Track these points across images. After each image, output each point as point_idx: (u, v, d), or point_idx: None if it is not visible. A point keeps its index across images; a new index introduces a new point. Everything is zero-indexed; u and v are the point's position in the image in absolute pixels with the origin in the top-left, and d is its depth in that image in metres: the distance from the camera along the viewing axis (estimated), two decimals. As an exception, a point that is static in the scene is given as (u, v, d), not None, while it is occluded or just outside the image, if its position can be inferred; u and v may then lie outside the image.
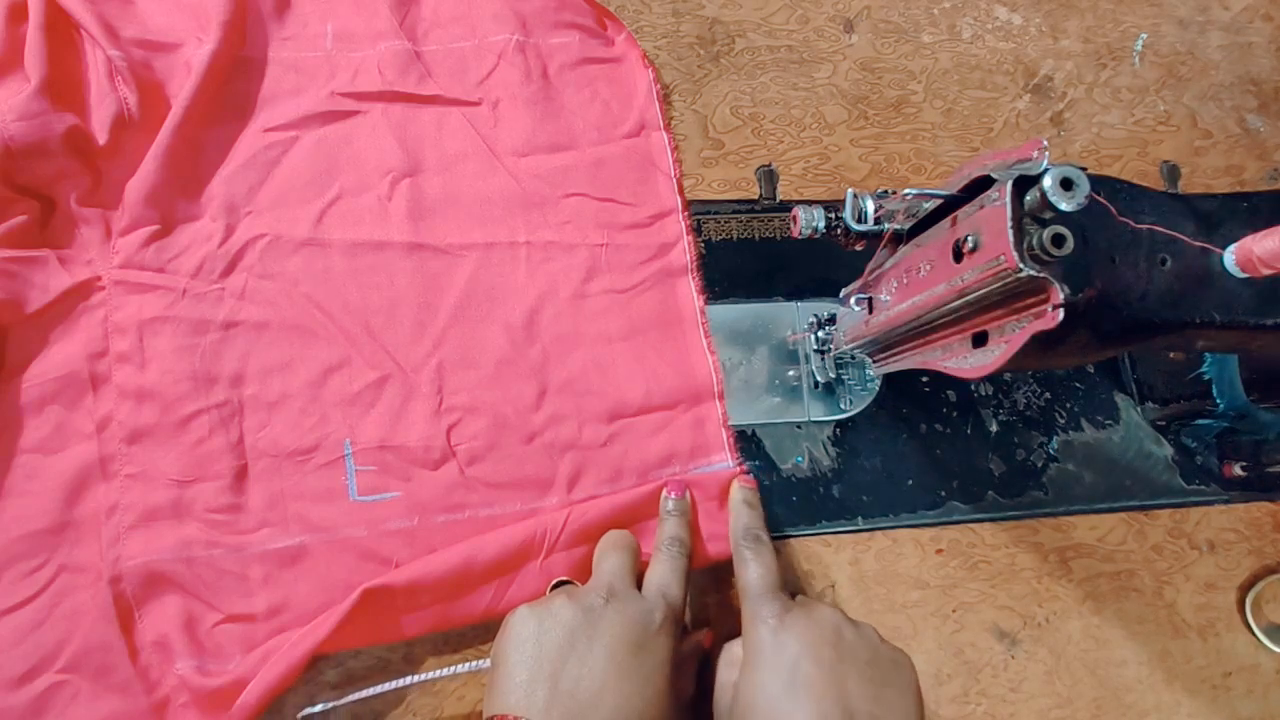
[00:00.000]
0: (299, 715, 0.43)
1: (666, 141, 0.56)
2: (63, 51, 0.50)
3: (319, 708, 0.42)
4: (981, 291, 0.34)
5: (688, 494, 0.48)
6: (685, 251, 0.54)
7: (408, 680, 0.43)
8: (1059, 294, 0.31)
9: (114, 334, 0.47)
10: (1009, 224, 0.31)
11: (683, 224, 0.54)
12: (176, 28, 0.53)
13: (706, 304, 0.53)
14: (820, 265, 0.56)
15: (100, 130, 0.49)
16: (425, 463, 0.48)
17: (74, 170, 0.48)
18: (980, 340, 0.37)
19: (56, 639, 0.42)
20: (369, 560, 0.45)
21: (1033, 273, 0.31)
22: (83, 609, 0.43)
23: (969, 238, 0.34)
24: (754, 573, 0.42)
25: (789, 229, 0.44)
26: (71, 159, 0.48)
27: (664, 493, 0.47)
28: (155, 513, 0.45)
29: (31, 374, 0.46)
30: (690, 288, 0.53)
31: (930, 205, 0.39)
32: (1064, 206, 0.30)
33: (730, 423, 0.52)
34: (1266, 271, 0.33)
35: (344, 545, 0.46)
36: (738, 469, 0.49)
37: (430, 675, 0.43)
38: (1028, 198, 0.31)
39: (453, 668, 0.42)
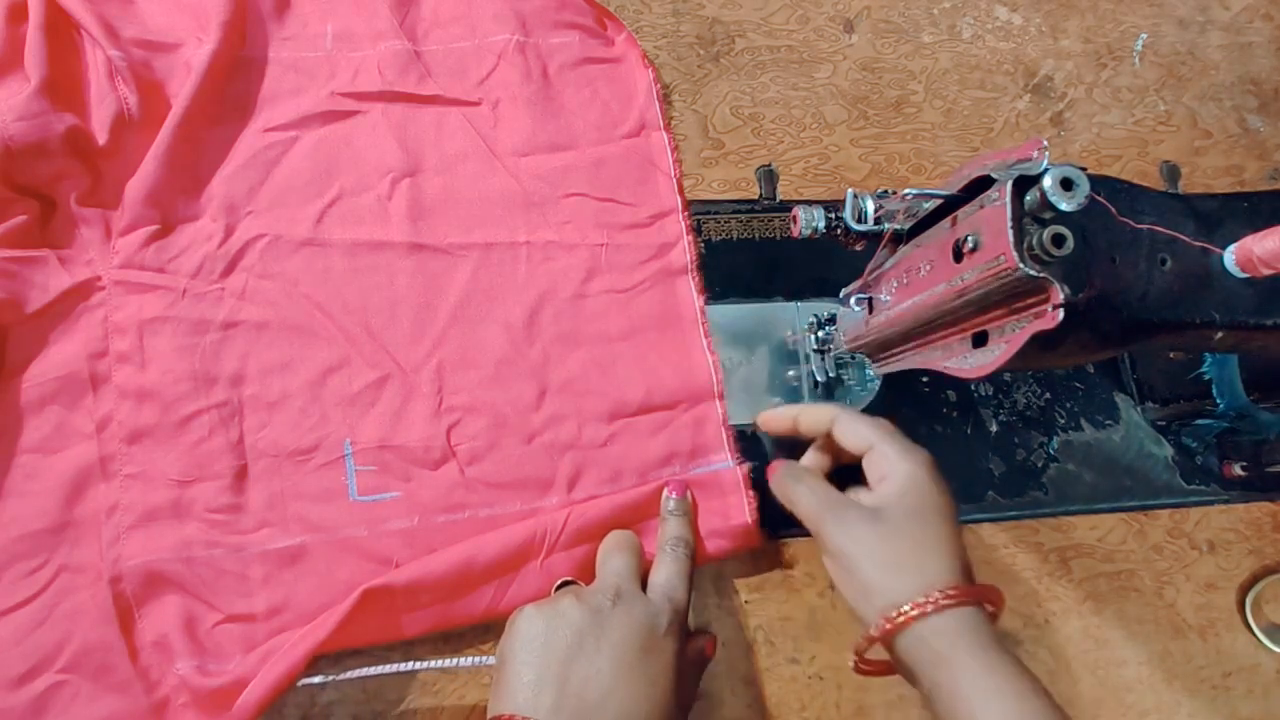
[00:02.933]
0: (298, 683, 0.42)
1: (666, 141, 0.56)
2: (63, 51, 0.50)
3: (318, 679, 0.42)
4: (981, 291, 0.34)
5: (689, 494, 0.48)
6: (685, 251, 0.54)
7: (411, 666, 0.42)
8: (1059, 294, 0.31)
9: (114, 334, 0.47)
10: (1009, 224, 0.31)
11: (683, 224, 0.54)
12: (176, 28, 0.53)
13: (706, 304, 0.53)
14: (820, 265, 0.56)
15: (100, 130, 0.49)
16: (425, 463, 0.48)
17: (74, 170, 0.48)
18: (980, 340, 0.37)
19: (56, 639, 0.42)
20: (369, 560, 0.45)
21: (1033, 273, 0.31)
22: (83, 609, 0.43)
23: (969, 238, 0.34)
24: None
25: (789, 229, 0.44)
26: (71, 159, 0.48)
27: (665, 493, 0.47)
28: (155, 513, 0.45)
29: (31, 374, 0.46)
30: (690, 287, 0.53)
31: (930, 205, 0.39)
32: (1064, 206, 0.30)
33: (730, 423, 0.52)
34: (1266, 271, 0.33)
35: (344, 545, 0.46)
36: (738, 468, 0.49)
37: (435, 664, 0.43)
38: (1028, 198, 0.31)
39: (457, 659, 0.42)
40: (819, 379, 0.53)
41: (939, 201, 0.38)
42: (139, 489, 0.45)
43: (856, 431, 0.43)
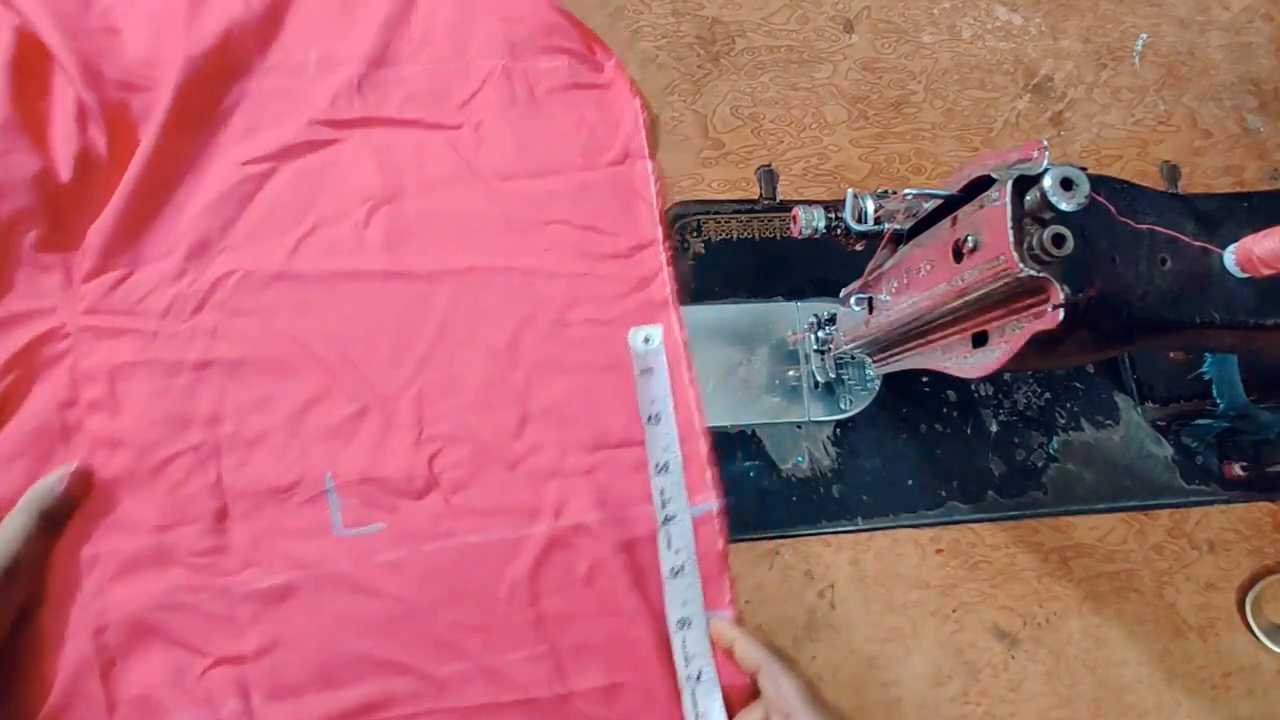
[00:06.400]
0: None
1: (650, 171, 0.55)
2: (30, 90, 0.49)
3: None
4: (981, 291, 0.34)
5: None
6: (665, 284, 0.53)
7: None
8: (1059, 294, 0.31)
9: (83, 382, 0.46)
10: (1009, 224, 0.31)
11: (663, 256, 0.53)
12: (160, 60, 0.51)
13: (706, 305, 0.53)
14: (820, 265, 0.56)
15: (64, 168, 0.48)
16: (409, 493, 0.47)
17: (33, 213, 0.47)
18: (980, 340, 0.37)
19: (27, 693, 0.41)
20: (359, 593, 0.45)
21: (1033, 273, 0.31)
22: (59, 664, 0.42)
23: (969, 238, 0.34)
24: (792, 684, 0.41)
25: (789, 229, 0.44)
26: (33, 198, 0.47)
27: None
28: (136, 561, 0.44)
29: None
30: (674, 323, 0.52)
31: (930, 205, 0.39)
32: (1064, 206, 0.30)
33: (730, 423, 0.51)
34: (1266, 271, 0.33)
35: (333, 580, 0.45)
36: (719, 509, 0.49)
37: None
38: (1028, 198, 0.31)
39: None
40: (819, 379, 0.53)
41: (939, 201, 0.38)
42: (117, 538, 0.44)
43: (747, 653, 0.43)
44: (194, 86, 0.51)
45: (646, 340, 0.50)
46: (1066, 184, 0.30)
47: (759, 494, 0.51)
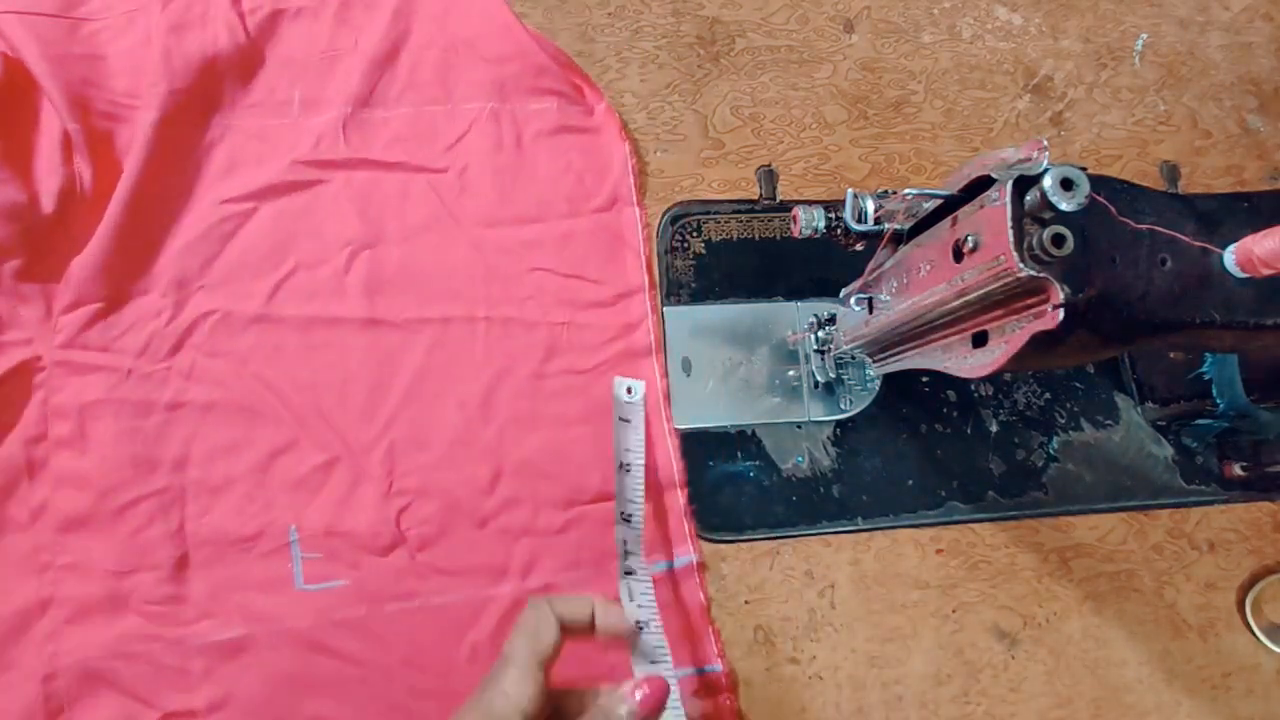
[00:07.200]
0: None
1: (638, 218, 0.55)
2: (16, 120, 0.49)
3: None
4: (981, 291, 0.34)
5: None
6: (649, 332, 0.52)
7: None
8: (1059, 294, 0.31)
9: (54, 418, 0.46)
10: (1009, 224, 0.31)
11: (648, 304, 0.53)
12: (141, 90, 0.51)
13: (706, 306, 0.53)
14: (820, 265, 0.56)
15: (47, 199, 0.48)
16: (374, 549, 0.47)
17: (15, 243, 0.47)
18: (980, 340, 0.37)
19: None
20: (316, 652, 0.45)
21: (1033, 273, 0.31)
22: (5, 709, 0.42)
23: (969, 238, 0.34)
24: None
25: (789, 229, 0.44)
26: (16, 229, 0.47)
27: (626, 690, 0.34)
28: (92, 606, 0.44)
29: None
30: (654, 370, 0.52)
31: (930, 205, 0.39)
32: (1064, 206, 0.30)
33: (730, 423, 0.51)
34: (1266, 271, 0.33)
35: (289, 636, 0.45)
36: (699, 562, 0.49)
37: None
38: (1028, 198, 0.31)
39: None
40: (819, 379, 0.53)
41: (939, 201, 0.38)
42: (74, 581, 0.44)
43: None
44: (176, 118, 0.50)
45: (630, 391, 0.50)
46: (1066, 184, 0.30)
47: (759, 494, 0.51)
